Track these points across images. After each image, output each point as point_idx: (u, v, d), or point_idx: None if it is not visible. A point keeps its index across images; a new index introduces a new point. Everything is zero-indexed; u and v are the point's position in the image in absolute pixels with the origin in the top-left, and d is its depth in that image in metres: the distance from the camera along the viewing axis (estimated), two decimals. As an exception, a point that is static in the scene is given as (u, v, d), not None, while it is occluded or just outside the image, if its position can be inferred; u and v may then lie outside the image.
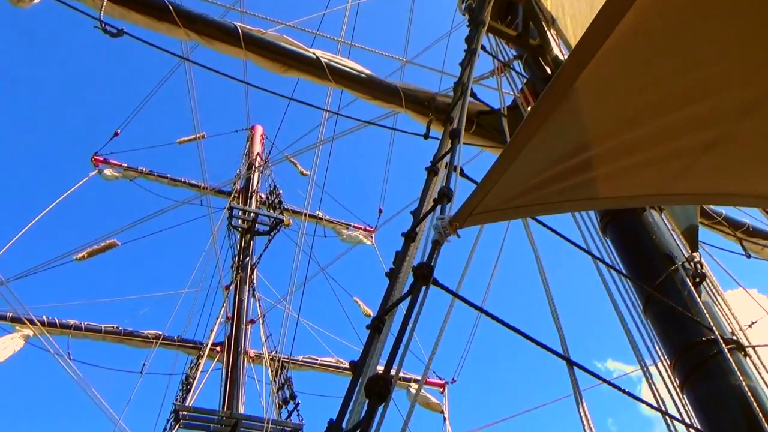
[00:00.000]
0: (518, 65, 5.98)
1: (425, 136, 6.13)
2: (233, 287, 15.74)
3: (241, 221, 16.68)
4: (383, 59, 8.66)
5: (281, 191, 17.42)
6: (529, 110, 5.05)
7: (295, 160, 17.32)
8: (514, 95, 5.89)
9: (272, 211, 17.04)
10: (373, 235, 18.14)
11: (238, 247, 16.61)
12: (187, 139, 17.17)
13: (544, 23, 5.87)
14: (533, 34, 5.87)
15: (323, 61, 6.30)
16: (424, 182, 2.90)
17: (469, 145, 6.20)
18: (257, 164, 18.44)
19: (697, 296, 3.84)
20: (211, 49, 6.30)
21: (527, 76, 5.82)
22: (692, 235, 4.44)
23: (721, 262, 6.68)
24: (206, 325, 15.06)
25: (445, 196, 2.40)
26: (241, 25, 6.28)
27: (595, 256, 3.91)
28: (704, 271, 4.07)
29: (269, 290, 16.47)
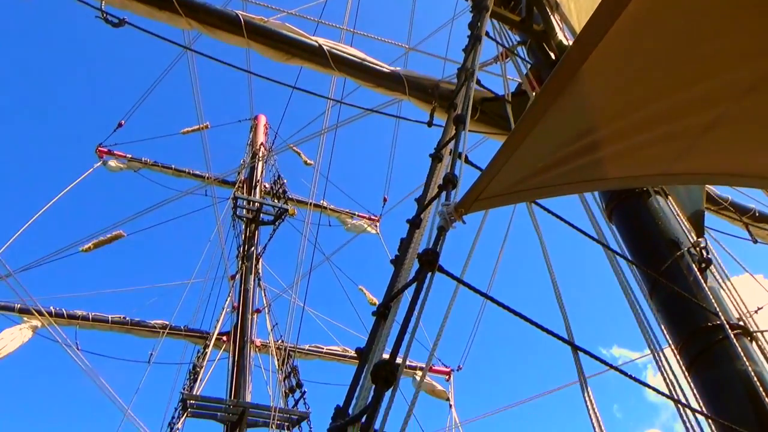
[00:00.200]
0: (522, 51, 5.93)
1: (429, 123, 6.11)
2: (239, 277, 15.79)
3: (245, 211, 16.71)
4: (386, 46, 8.62)
5: (285, 181, 17.45)
6: (534, 95, 5.03)
7: (298, 149, 17.33)
8: (518, 81, 5.85)
9: (277, 200, 17.06)
10: (377, 223, 18.15)
11: (243, 236, 16.64)
12: (190, 129, 17.20)
13: (548, 8, 5.81)
14: (537, 19, 5.81)
15: (326, 48, 6.26)
16: (428, 170, 2.89)
17: (473, 132, 6.17)
18: (261, 154, 18.43)
19: (703, 282, 3.83)
20: (213, 38, 6.27)
21: (531, 62, 5.77)
22: (698, 220, 4.42)
23: (727, 247, 6.66)
24: (212, 314, 15.15)
25: (450, 182, 2.39)
26: (242, 13, 6.25)
27: (600, 242, 3.90)
28: (710, 256, 4.05)
29: (275, 280, 16.54)
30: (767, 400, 3.23)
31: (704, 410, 3.36)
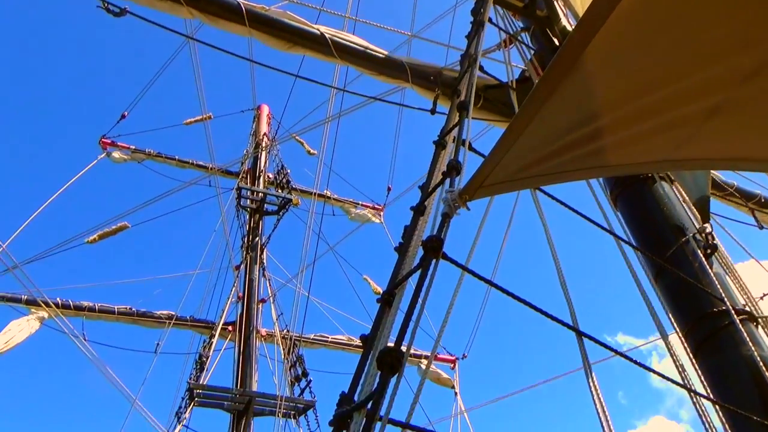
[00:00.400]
0: (526, 37, 5.88)
1: (432, 111, 6.07)
2: (243, 267, 15.84)
3: (249, 201, 16.73)
4: (388, 34, 8.56)
5: (289, 170, 17.44)
6: (537, 81, 4.99)
7: (301, 139, 17.29)
8: (522, 68, 5.80)
9: (280, 190, 17.06)
10: (381, 213, 18.14)
11: (247, 227, 16.67)
12: (193, 120, 17.17)
13: (551, -7, 5.75)
14: (540, 5, 5.76)
15: (328, 36, 6.23)
16: (431, 157, 2.87)
17: (476, 119, 6.14)
18: (264, 144, 18.41)
19: (708, 267, 3.81)
20: (214, 27, 6.25)
21: (534, 48, 5.72)
22: (703, 206, 4.39)
23: (733, 233, 6.63)
24: (218, 305, 15.23)
25: (453, 168, 2.38)
26: (244, 2, 6.21)
27: (605, 228, 3.88)
28: (716, 242, 4.03)
29: (279, 270, 16.58)
30: (773, 384, 3.23)
31: (710, 395, 3.36)
